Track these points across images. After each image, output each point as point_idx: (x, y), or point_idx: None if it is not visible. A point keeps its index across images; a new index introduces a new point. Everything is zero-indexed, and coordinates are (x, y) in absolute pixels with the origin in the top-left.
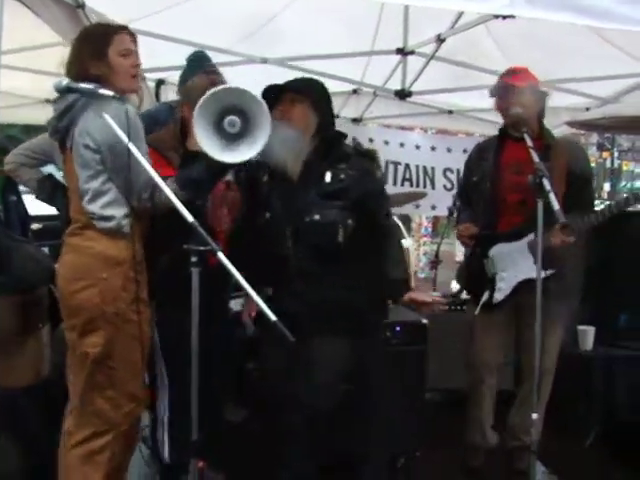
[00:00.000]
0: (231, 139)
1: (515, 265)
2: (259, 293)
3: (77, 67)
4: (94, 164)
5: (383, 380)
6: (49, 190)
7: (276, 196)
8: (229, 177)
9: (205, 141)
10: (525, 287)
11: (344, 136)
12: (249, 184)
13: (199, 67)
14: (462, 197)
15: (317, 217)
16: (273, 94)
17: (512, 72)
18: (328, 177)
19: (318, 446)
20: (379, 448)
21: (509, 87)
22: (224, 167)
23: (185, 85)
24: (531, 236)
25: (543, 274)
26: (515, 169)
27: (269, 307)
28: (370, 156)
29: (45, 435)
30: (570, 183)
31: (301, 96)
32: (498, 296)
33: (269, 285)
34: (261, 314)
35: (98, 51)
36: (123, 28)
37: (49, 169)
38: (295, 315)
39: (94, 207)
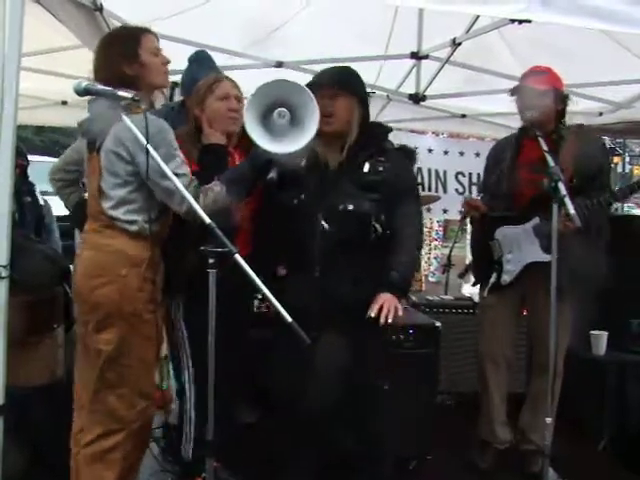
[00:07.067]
0: (279, 131)
1: (520, 248)
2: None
3: (109, 70)
4: (124, 174)
5: (381, 378)
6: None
7: (312, 180)
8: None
9: (254, 131)
10: (533, 274)
11: (389, 131)
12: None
13: (205, 67)
14: (484, 192)
15: (351, 207)
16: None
17: (532, 73)
18: (366, 167)
19: (324, 443)
20: (381, 445)
21: (522, 89)
22: (267, 164)
23: (195, 85)
24: (536, 220)
25: (547, 258)
26: (532, 168)
27: (279, 289)
28: (407, 152)
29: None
30: (578, 173)
31: (346, 91)
32: (506, 277)
33: (287, 267)
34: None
35: (130, 52)
36: (147, 29)
37: None
38: (306, 304)
39: (117, 213)
